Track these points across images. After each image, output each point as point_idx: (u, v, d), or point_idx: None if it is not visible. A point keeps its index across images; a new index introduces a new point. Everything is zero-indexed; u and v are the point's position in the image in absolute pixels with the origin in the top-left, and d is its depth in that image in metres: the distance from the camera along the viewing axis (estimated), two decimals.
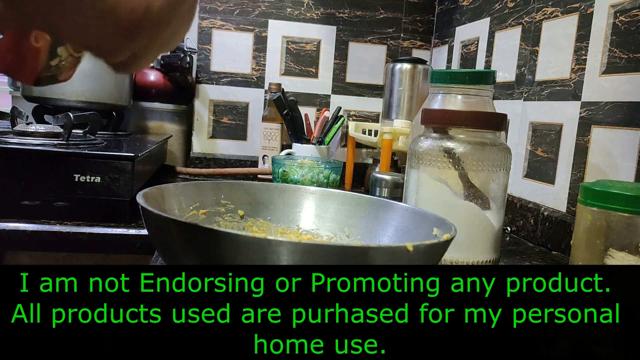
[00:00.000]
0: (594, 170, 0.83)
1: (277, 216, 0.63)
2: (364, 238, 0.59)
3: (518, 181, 1.03)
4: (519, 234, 0.98)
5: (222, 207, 0.60)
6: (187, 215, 0.56)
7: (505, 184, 0.64)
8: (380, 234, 0.58)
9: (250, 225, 0.61)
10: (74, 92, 1.21)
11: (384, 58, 1.55)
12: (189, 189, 0.58)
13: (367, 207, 0.61)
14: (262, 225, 0.61)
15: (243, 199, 0.62)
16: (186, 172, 1.36)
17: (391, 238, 0.57)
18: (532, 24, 1.02)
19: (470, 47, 1.30)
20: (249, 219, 0.62)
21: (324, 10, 1.51)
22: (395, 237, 0.56)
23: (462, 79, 0.70)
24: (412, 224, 0.56)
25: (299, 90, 1.52)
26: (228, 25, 1.48)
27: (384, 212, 0.59)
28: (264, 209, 0.62)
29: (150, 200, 0.49)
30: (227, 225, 0.60)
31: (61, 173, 0.81)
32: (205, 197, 0.59)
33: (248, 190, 0.62)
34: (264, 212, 0.62)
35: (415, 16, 1.55)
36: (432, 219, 0.53)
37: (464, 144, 0.62)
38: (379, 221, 0.59)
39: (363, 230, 0.60)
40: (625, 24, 0.78)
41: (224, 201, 0.61)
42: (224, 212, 0.60)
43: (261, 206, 0.62)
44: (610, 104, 0.80)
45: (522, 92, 1.04)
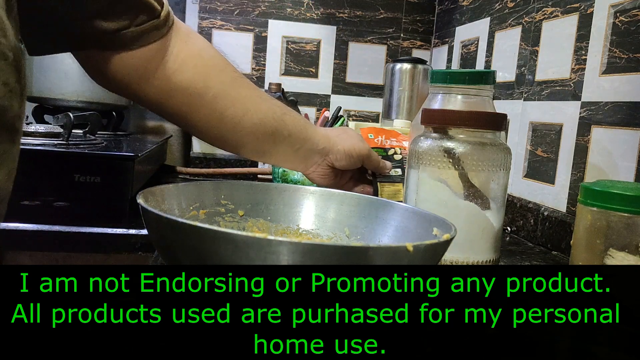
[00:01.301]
0: (594, 170, 0.83)
1: (278, 216, 0.63)
2: (364, 238, 0.59)
3: (518, 181, 1.03)
4: (519, 234, 0.99)
5: (222, 207, 0.60)
6: (188, 215, 0.56)
7: (505, 184, 0.64)
8: (381, 234, 0.58)
9: (250, 225, 0.61)
10: (74, 92, 1.21)
11: (383, 58, 1.55)
12: (189, 189, 0.58)
13: (367, 207, 0.61)
14: (262, 225, 0.61)
15: (243, 199, 0.62)
16: (186, 172, 1.36)
17: (391, 238, 0.57)
18: (532, 24, 1.02)
19: (470, 47, 1.30)
20: (249, 218, 0.62)
21: (324, 10, 1.51)
22: (395, 237, 0.56)
23: (462, 79, 0.70)
24: (412, 223, 0.56)
25: (299, 90, 1.52)
26: (228, 25, 1.48)
27: (384, 212, 0.59)
28: (265, 209, 0.62)
29: (150, 200, 0.49)
30: (227, 225, 0.60)
31: (61, 173, 0.81)
32: (205, 197, 0.59)
33: (248, 190, 0.62)
34: (264, 212, 0.62)
35: (415, 16, 1.55)
36: (432, 219, 0.53)
37: (464, 144, 0.62)
38: (379, 221, 0.59)
39: (363, 230, 0.60)
40: (625, 24, 0.78)
41: (224, 201, 0.61)
42: (224, 212, 0.60)
43: (261, 206, 0.62)
44: (610, 104, 0.80)
45: (522, 92, 1.04)
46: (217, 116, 0.66)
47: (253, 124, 0.68)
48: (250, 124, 0.68)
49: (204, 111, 0.65)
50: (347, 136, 0.79)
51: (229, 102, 0.66)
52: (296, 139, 0.73)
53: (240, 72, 0.72)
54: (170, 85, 0.62)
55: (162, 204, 0.53)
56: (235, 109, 0.67)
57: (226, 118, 0.66)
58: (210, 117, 0.66)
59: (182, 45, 0.63)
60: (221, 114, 0.66)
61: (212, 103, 0.65)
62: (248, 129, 0.68)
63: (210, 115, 0.66)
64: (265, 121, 0.69)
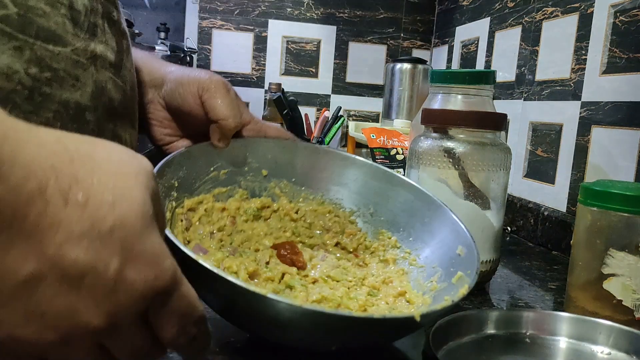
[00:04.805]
0: (594, 170, 0.83)
1: (303, 179, 0.58)
2: (387, 225, 0.57)
3: (518, 181, 1.03)
4: (519, 233, 0.98)
5: (245, 166, 0.56)
6: (206, 177, 0.52)
7: (505, 183, 0.64)
8: (404, 224, 0.55)
9: (272, 187, 0.57)
10: None
11: (384, 58, 1.55)
12: (209, 149, 0.53)
13: (395, 187, 0.57)
14: (285, 188, 0.58)
15: (269, 157, 0.57)
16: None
17: (414, 233, 0.54)
18: (532, 23, 1.02)
19: (470, 47, 1.30)
20: (272, 179, 0.57)
21: (324, 10, 1.51)
22: (417, 235, 0.54)
23: (462, 78, 0.70)
24: (435, 218, 0.53)
25: (299, 90, 1.52)
26: (228, 25, 1.48)
27: (413, 198, 0.55)
28: (291, 169, 0.58)
29: (166, 172, 0.46)
30: (249, 185, 0.56)
31: None
32: (227, 156, 0.54)
33: (274, 149, 0.57)
34: (289, 173, 0.58)
35: (415, 16, 1.55)
36: (462, 234, 0.50)
37: (464, 143, 0.62)
38: (404, 207, 0.56)
39: (388, 214, 0.57)
40: (625, 24, 0.78)
41: (248, 159, 0.56)
42: (247, 170, 0.56)
43: (287, 166, 0.58)
44: (610, 103, 0.80)
45: (522, 92, 1.04)
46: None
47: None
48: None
49: None
50: (194, 69, 0.57)
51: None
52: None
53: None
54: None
55: (184, 165, 0.49)
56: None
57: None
58: None
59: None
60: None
61: None
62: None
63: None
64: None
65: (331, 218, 0.57)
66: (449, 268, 0.48)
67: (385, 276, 0.51)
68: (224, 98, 0.52)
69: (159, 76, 0.56)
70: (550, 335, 0.49)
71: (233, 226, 0.52)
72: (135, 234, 0.25)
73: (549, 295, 0.67)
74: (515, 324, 0.49)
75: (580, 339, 0.48)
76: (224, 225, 0.51)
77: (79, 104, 0.39)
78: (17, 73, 0.35)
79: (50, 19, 0.36)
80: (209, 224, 0.50)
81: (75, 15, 0.38)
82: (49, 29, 0.36)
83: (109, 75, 0.42)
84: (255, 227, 0.53)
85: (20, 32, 0.35)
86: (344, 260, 0.54)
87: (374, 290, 0.50)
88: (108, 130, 0.43)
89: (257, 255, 0.49)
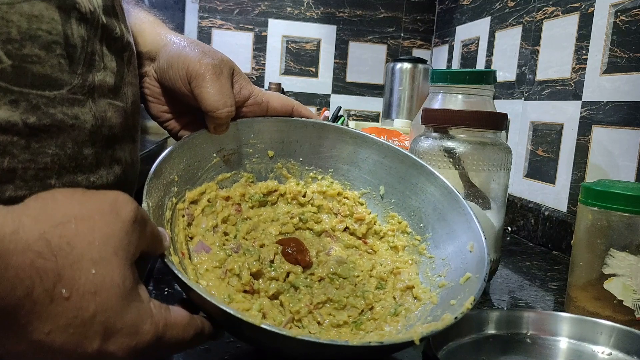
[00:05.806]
0: (594, 170, 0.83)
1: (311, 158, 0.56)
2: (398, 208, 0.54)
3: (518, 181, 1.03)
4: (519, 233, 0.98)
5: (250, 148, 0.54)
6: (210, 164, 0.50)
7: (505, 183, 0.64)
8: (416, 208, 0.53)
9: (279, 167, 0.55)
10: None
11: (384, 57, 1.55)
12: (212, 134, 0.51)
13: (409, 169, 0.55)
14: (292, 168, 0.56)
15: (275, 137, 0.55)
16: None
17: (425, 218, 0.52)
18: (533, 23, 1.02)
19: (470, 46, 1.30)
20: (279, 159, 0.55)
21: (324, 9, 1.51)
22: (427, 222, 0.52)
23: (463, 78, 0.70)
24: (448, 206, 0.51)
25: (299, 90, 1.52)
26: (228, 25, 1.48)
27: (426, 181, 0.53)
28: (298, 149, 0.56)
29: (167, 163, 0.45)
30: (254, 168, 0.54)
31: None
32: (230, 139, 0.52)
33: (280, 128, 0.55)
34: (297, 152, 0.56)
35: (415, 15, 1.55)
36: (473, 225, 0.48)
37: (464, 143, 0.62)
38: (415, 190, 0.54)
39: (399, 196, 0.55)
40: (626, 24, 0.78)
41: (252, 140, 0.54)
42: (252, 152, 0.54)
43: (294, 145, 0.56)
44: (610, 103, 0.80)
45: (522, 92, 1.04)
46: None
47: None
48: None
49: None
50: (191, 43, 0.52)
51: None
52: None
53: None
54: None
55: (184, 157, 0.47)
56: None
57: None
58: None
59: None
60: None
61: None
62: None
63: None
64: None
65: (340, 200, 0.56)
66: (457, 264, 0.47)
67: (393, 266, 0.50)
68: (212, 85, 0.48)
69: (154, 48, 0.52)
70: (550, 336, 0.49)
71: (238, 214, 0.50)
72: (116, 313, 0.29)
73: (550, 295, 0.66)
74: (516, 324, 0.49)
75: (580, 339, 0.48)
76: (228, 215, 0.49)
77: (76, 142, 0.37)
78: (15, 125, 0.33)
79: (46, 64, 0.35)
80: (213, 215, 0.48)
81: (71, 52, 0.36)
82: (44, 74, 0.35)
83: (108, 101, 0.41)
84: (262, 213, 0.52)
85: (15, 85, 0.33)
86: (352, 250, 0.53)
87: (382, 282, 0.49)
88: (107, 157, 0.41)
89: (262, 252, 0.48)
